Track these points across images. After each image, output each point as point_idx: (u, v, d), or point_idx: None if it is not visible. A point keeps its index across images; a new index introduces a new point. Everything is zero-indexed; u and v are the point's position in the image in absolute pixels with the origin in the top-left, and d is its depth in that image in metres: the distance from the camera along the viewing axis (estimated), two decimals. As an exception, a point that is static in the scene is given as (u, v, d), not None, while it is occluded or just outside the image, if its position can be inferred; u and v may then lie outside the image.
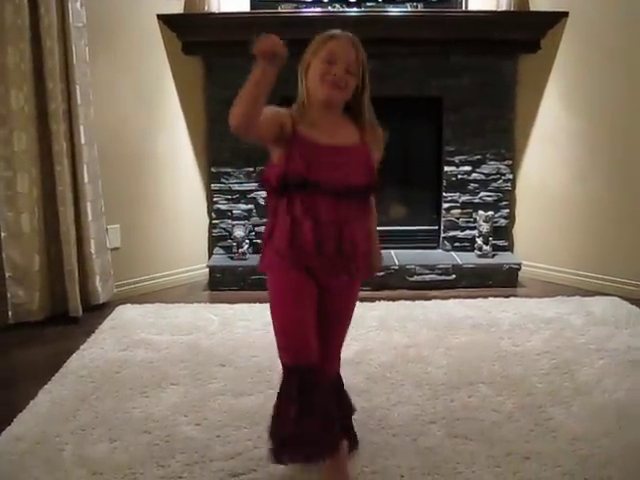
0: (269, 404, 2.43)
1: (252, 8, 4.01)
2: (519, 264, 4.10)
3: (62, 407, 2.44)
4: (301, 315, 1.87)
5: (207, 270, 4.11)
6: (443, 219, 4.32)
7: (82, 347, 3.04)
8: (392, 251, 4.25)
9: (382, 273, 3.98)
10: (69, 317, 3.48)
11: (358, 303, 2.44)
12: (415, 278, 4.04)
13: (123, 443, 2.19)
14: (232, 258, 4.12)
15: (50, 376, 2.71)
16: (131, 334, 3.19)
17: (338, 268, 1.91)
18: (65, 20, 3.33)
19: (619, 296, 3.72)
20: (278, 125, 1.82)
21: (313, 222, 1.84)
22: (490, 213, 4.16)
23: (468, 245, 4.29)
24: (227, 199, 4.20)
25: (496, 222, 4.23)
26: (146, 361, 2.88)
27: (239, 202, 4.21)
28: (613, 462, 2.06)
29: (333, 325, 2.03)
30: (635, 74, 3.71)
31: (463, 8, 4.07)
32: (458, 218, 4.29)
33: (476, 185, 4.25)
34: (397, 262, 4.07)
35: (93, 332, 3.23)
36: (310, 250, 1.84)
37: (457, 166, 4.22)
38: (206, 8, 3.86)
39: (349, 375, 2.68)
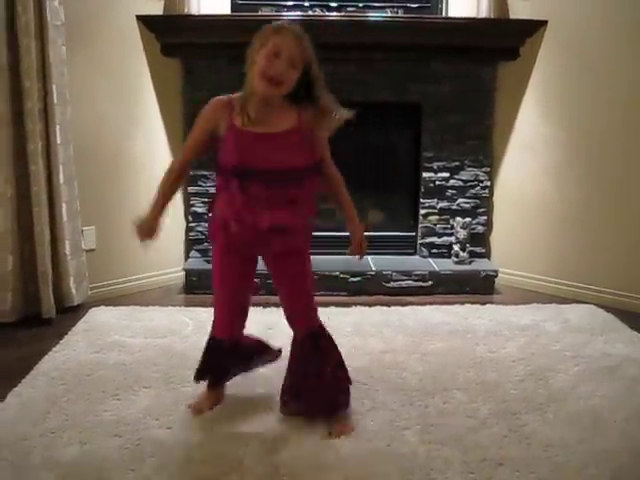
0: (242, 408, 2.43)
1: (232, 10, 3.99)
2: (496, 271, 4.11)
3: (31, 410, 2.40)
4: (225, 294, 2.32)
5: (183, 273, 4.07)
6: (420, 225, 4.32)
7: (54, 349, 2.99)
8: (369, 257, 4.24)
9: (358, 278, 3.98)
10: (42, 319, 3.43)
11: (333, 308, 2.45)
12: (392, 284, 4.03)
13: (93, 446, 2.15)
14: (208, 262, 4.08)
15: (20, 378, 2.66)
16: (104, 336, 3.15)
17: (262, 243, 2.18)
18: (43, 18, 3.28)
19: (595, 304, 3.74)
20: (206, 137, 2.18)
21: (246, 202, 2.07)
22: (467, 220, 4.17)
23: (445, 251, 4.29)
24: (204, 202, 4.17)
25: (473, 229, 4.24)
26: (119, 364, 2.84)
27: (216, 205, 4.17)
28: (588, 468, 2.05)
29: (287, 291, 2.33)
30: (613, 83, 3.74)
31: (443, 15, 4.09)
32: (435, 224, 4.30)
33: (454, 192, 4.25)
34: (374, 268, 4.06)
35: (66, 334, 3.19)
36: (237, 228, 2.12)
37: (435, 172, 4.23)
38: (186, 10, 3.83)
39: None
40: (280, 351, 2.59)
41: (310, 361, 2.30)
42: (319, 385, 2.27)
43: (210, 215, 2.31)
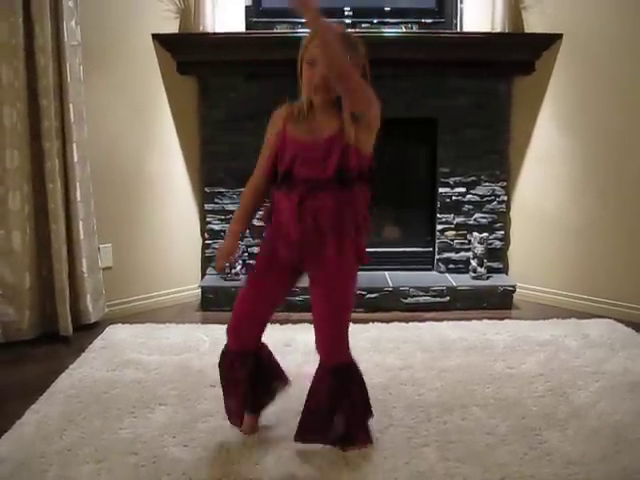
0: (260, 425, 2.41)
1: (247, 28, 4.02)
2: (514, 286, 4.07)
3: (48, 427, 2.40)
4: (247, 309, 2.31)
5: (199, 290, 4.07)
6: (437, 241, 4.30)
7: (71, 367, 3.00)
8: (386, 272, 4.23)
9: (375, 295, 3.96)
10: (59, 336, 3.44)
11: (351, 325, 2.44)
12: (409, 300, 4.01)
13: (109, 464, 2.15)
14: (225, 279, 4.08)
15: (38, 396, 2.67)
16: (121, 354, 3.15)
17: (310, 249, 2.13)
18: (60, 38, 3.32)
19: (615, 318, 3.70)
20: (272, 162, 2.17)
21: (294, 208, 2.09)
22: (485, 235, 4.15)
23: (462, 267, 4.27)
24: (220, 219, 4.18)
25: (491, 244, 4.21)
26: (135, 381, 2.84)
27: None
28: (609, 487, 2.02)
29: (314, 315, 2.23)
30: (629, 95, 3.72)
31: (458, 30, 4.09)
32: (452, 240, 4.28)
33: (471, 207, 4.23)
34: (391, 284, 4.04)
35: (83, 351, 3.20)
36: (285, 231, 2.14)
37: (452, 187, 4.21)
38: (201, 28, 3.86)
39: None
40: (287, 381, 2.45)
41: (325, 399, 2.20)
42: (332, 422, 2.19)
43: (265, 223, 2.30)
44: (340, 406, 2.19)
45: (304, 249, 2.12)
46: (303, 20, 3.15)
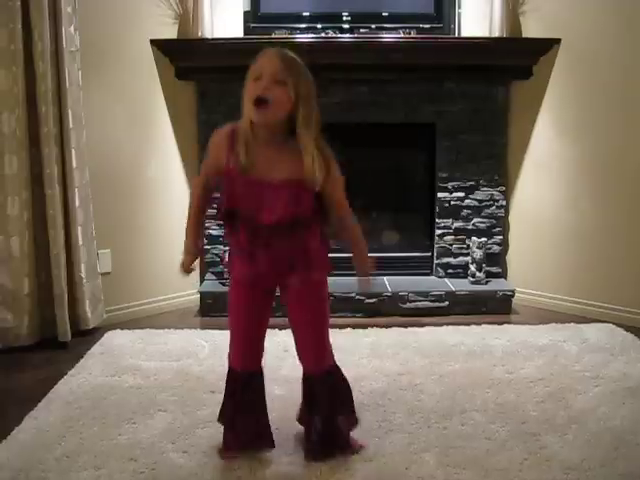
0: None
1: (245, 34, 4.02)
2: (513, 291, 4.07)
3: (47, 433, 2.40)
4: (244, 327, 2.19)
5: (198, 296, 4.07)
6: (436, 245, 4.30)
7: (70, 372, 2.99)
8: (385, 277, 4.23)
9: (374, 300, 3.96)
10: (58, 342, 3.43)
11: (350, 330, 2.42)
12: (408, 305, 4.01)
13: (108, 471, 2.14)
14: (224, 284, 4.08)
15: (37, 402, 2.66)
16: (120, 360, 3.15)
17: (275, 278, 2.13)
18: (59, 44, 3.32)
19: (614, 323, 3.69)
20: (213, 179, 2.08)
21: (243, 248, 2.06)
22: (483, 239, 4.15)
23: (461, 272, 4.27)
24: (219, 225, 4.17)
25: (489, 249, 4.22)
26: (134, 387, 2.83)
27: (231, 227, 4.18)
28: (609, 492, 2.02)
29: (297, 329, 2.22)
30: (627, 99, 3.73)
31: (456, 35, 4.10)
32: (451, 245, 4.28)
33: (469, 211, 4.23)
34: (390, 289, 4.04)
35: (82, 357, 3.19)
36: (246, 270, 2.09)
37: (450, 192, 4.21)
38: (200, 34, 3.87)
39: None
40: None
41: (314, 404, 2.21)
42: (317, 429, 2.20)
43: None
44: (319, 411, 2.20)
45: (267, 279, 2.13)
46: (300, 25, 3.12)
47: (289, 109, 1.90)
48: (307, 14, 3.99)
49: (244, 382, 2.21)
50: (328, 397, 2.20)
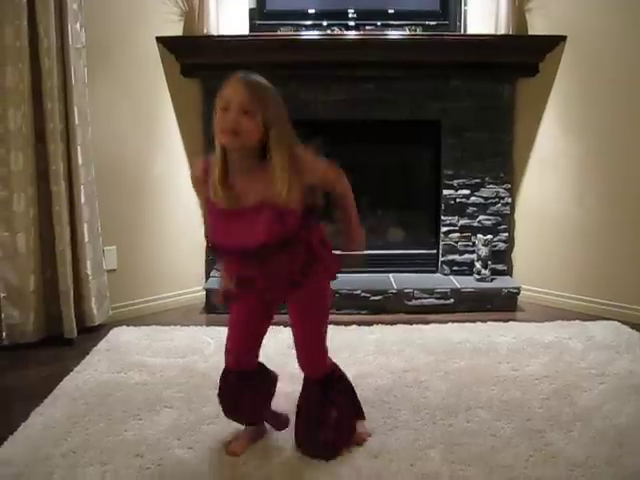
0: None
1: (251, 31, 4.02)
2: (518, 288, 4.07)
3: (53, 430, 2.40)
4: (239, 335, 2.22)
5: (204, 293, 4.08)
6: (442, 243, 4.30)
7: (76, 369, 3.00)
8: (390, 275, 4.23)
9: (379, 297, 3.96)
10: (64, 339, 3.44)
11: (355, 327, 2.38)
12: (413, 302, 4.01)
13: (114, 467, 2.15)
14: (229, 281, 4.08)
15: (43, 398, 2.67)
16: (126, 356, 3.16)
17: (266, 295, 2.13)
18: (64, 41, 3.33)
19: (619, 320, 3.69)
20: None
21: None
22: (489, 237, 4.14)
23: (467, 269, 4.26)
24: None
25: (495, 246, 4.21)
26: (140, 384, 2.84)
27: (237, 224, 4.18)
28: (614, 489, 2.02)
29: (294, 335, 2.24)
30: (633, 97, 3.71)
31: (462, 32, 4.09)
32: (457, 242, 4.27)
33: (475, 209, 4.23)
34: (395, 286, 4.04)
35: (87, 354, 3.20)
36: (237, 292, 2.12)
37: (456, 189, 4.21)
38: (205, 31, 3.87)
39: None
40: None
41: (313, 412, 2.25)
42: (318, 435, 2.22)
43: None
44: (326, 418, 2.21)
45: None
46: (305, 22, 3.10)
47: (259, 137, 1.90)
48: (313, 11, 3.98)
49: (236, 380, 2.24)
50: (331, 403, 2.24)
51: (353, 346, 3.25)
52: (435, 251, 4.37)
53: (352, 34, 3.94)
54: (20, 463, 2.17)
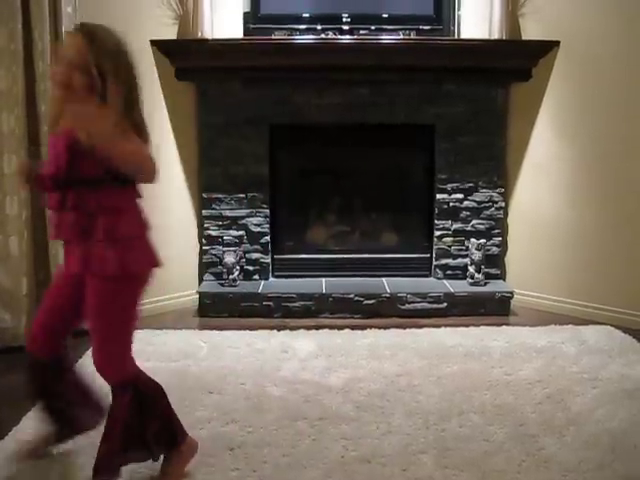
0: (256, 432, 2.42)
1: (245, 34, 4.02)
2: (511, 292, 4.07)
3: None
4: (40, 316, 2.13)
5: (197, 296, 4.07)
6: (435, 247, 4.30)
7: (68, 373, 2.99)
8: (383, 279, 4.23)
9: (373, 301, 3.96)
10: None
11: (348, 331, 2.35)
12: (407, 306, 4.01)
13: (106, 471, 2.14)
14: (222, 284, 4.08)
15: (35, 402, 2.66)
16: (118, 360, 3.14)
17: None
18: (59, 44, 3.31)
19: (612, 325, 3.70)
20: None
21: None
22: (482, 241, 4.15)
23: (460, 273, 4.27)
24: (218, 225, 4.18)
25: (488, 250, 4.22)
26: (133, 387, 2.83)
27: (230, 228, 4.18)
28: (607, 494, 2.02)
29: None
30: (626, 101, 3.73)
31: (455, 37, 4.10)
32: (450, 246, 4.27)
33: (468, 213, 4.23)
34: (389, 290, 4.04)
35: (80, 357, 3.18)
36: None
37: (449, 194, 4.21)
38: (199, 34, 3.86)
39: (338, 403, 2.66)
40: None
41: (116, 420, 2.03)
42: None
43: None
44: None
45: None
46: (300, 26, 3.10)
47: (93, 90, 1.89)
48: (307, 15, 3.99)
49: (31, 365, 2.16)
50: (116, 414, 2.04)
51: (346, 350, 3.25)
52: (428, 255, 4.37)
53: (346, 38, 3.95)
54: (12, 467, 2.17)
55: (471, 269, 4.16)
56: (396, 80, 4.06)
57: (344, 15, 3.97)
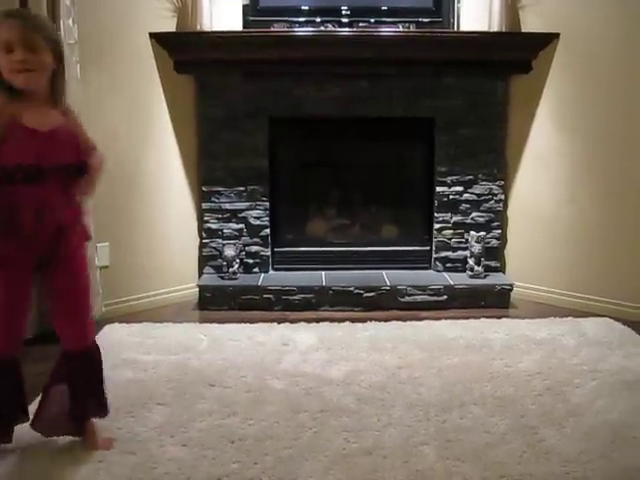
0: (258, 425, 2.42)
1: (244, 27, 4.01)
2: (511, 285, 4.07)
3: (46, 427, 2.39)
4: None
5: (197, 289, 4.07)
6: (435, 240, 4.30)
7: (68, 366, 2.99)
8: (383, 271, 4.23)
9: (373, 294, 3.96)
10: (56, 336, 3.41)
11: (349, 323, 2.35)
12: (406, 299, 4.01)
13: (107, 464, 2.14)
14: (222, 278, 4.08)
15: (35, 395, 2.64)
16: (118, 353, 3.14)
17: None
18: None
19: (612, 317, 3.70)
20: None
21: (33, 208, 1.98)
22: (482, 234, 4.15)
23: (460, 266, 4.27)
24: (218, 218, 4.18)
25: (488, 243, 4.22)
26: (133, 381, 2.83)
27: (230, 221, 4.18)
28: (607, 485, 2.02)
29: (64, 302, 2.24)
30: (626, 94, 3.72)
31: (455, 29, 4.09)
32: (450, 239, 4.28)
33: (468, 206, 4.23)
34: (388, 283, 4.04)
35: None
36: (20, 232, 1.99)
37: (449, 186, 4.21)
38: (198, 27, 3.86)
39: (339, 395, 2.66)
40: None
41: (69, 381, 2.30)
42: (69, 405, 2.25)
43: None
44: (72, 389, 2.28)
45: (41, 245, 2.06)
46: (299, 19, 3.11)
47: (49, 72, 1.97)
48: (306, 7, 3.98)
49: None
50: (84, 376, 2.27)
51: (347, 343, 3.25)
52: (428, 248, 4.37)
53: (345, 31, 3.94)
54: (11, 462, 2.17)
55: (471, 262, 4.16)
56: (396, 73, 4.05)
57: (343, 8, 3.95)
